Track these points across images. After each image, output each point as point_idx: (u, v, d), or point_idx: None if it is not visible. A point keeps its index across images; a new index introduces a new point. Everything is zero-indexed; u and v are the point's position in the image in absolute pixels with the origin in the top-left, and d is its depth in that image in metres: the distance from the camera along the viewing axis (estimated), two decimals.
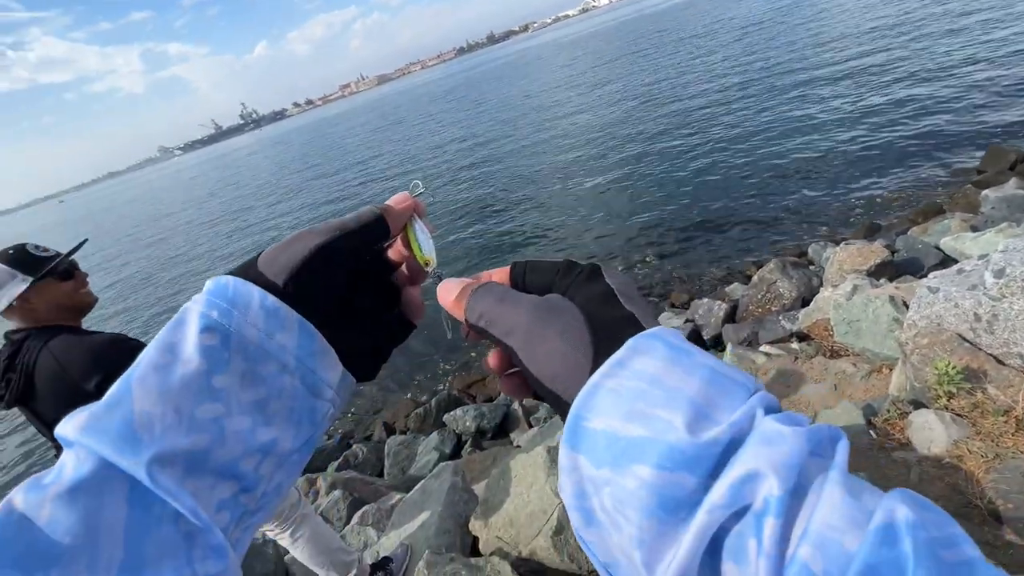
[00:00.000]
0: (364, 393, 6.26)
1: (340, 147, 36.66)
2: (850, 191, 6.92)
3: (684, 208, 8.05)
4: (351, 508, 3.04)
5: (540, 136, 16.31)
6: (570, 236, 8.43)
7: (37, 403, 1.37)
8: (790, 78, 12.84)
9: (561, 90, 25.18)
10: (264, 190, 27.71)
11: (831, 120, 9.31)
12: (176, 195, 46.07)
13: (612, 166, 11.01)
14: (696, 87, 15.43)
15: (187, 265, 15.73)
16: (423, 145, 23.36)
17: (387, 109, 61.38)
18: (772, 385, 2.87)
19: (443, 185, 14.43)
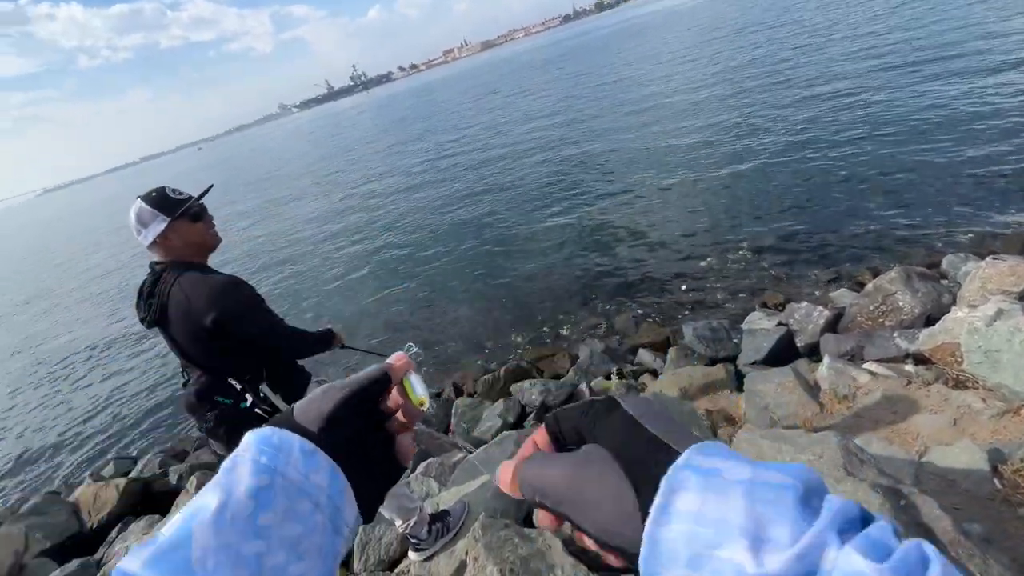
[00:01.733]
0: (438, 352, 6.58)
1: (437, 114, 37.64)
2: (1007, 198, 5.84)
3: (794, 197, 7.31)
4: (417, 459, 3.24)
5: (641, 115, 15.52)
6: (659, 221, 8.03)
7: (170, 327, 1.61)
8: (950, 63, 10.93)
9: (671, 64, 23.60)
10: (367, 151, 29.35)
11: (998, 113, 7.83)
12: (290, 150, 50.40)
13: (711, 149, 10.23)
14: (836, 67, 13.68)
15: (292, 217, 17.24)
16: (516, 117, 23.26)
17: (487, 78, 61.58)
18: (874, 409, 2.57)
19: (532, 162, 14.34)
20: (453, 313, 7.37)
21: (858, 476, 1.28)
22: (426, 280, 8.70)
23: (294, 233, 14.66)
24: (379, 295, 8.64)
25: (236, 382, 1.65)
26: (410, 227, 11.80)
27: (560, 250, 8.17)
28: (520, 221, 9.97)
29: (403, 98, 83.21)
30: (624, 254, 7.40)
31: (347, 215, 14.81)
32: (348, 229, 13.27)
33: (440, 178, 15.76)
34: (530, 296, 7.13)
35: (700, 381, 3.70)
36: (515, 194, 11.67)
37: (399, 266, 9.68)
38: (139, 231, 1.61)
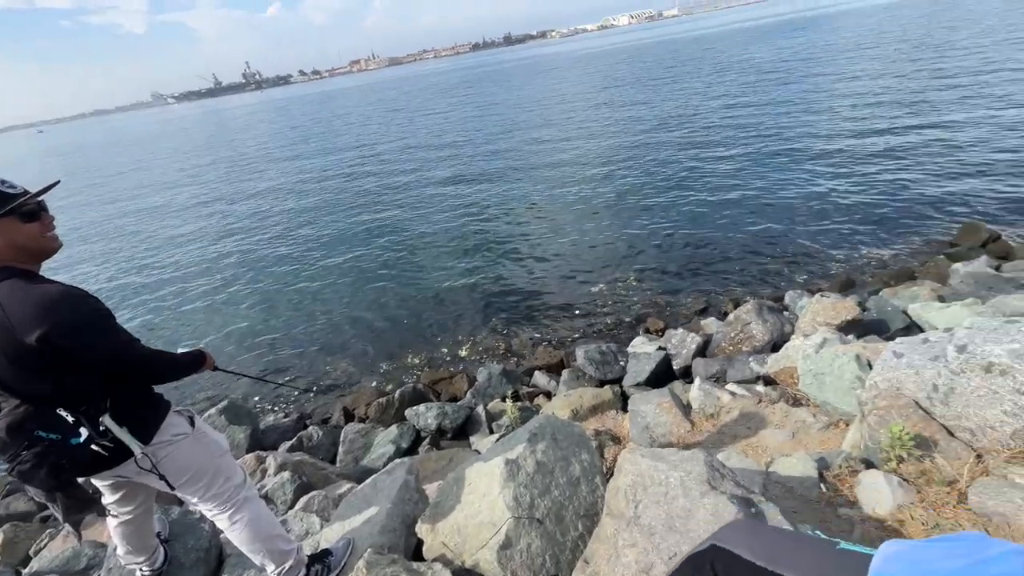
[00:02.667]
0: (328, 374, 6.16)
1: (338, 124, 36.09)
2: (833, 244, 7.12)
3: (672, 236, 8.17)
4: (298, 491, 2.97)
5: (540, 145, 16.37)
6: (554, 247, 8.46)
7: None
8: (797, 127, 13.18)
9: (569, 103, 25.33)
10: (256, 155, 27.08)
11: (828, 172, 9.58)
12: (162, 145, 44.67)
13: (607, 185, 11.11)
14: (705, 121, 15.71)
15: (156, 224, 15.25)
16: (419, 136, 23.17)
17: (393, 93, 60.73)
18: (733, 425, 2.92)
19: (435, 183, 14.35)
20: (346, 334, 6.98)
21: (719, 489, 1.44)
22: (316, 298, 8.15)
23: (156, 243, 12.90)
24: (262, 314, 7.91)
25: (68, 413, 1.36)
26: (299, 241, 11.03)
27: (460, 273, 8.20)
28: (419, 242, 9.84)
29: (302, 103, 78.58)
30: (522, 278, 7.65)
31: (223, 225, 13.42)
32: (224, 241, 12.01)
33: (336, 190, 15.03)
34: (428, 317, 7.02)
35: (590, 402, 3.90)
36: (415, 214, 11.52)
37: (285, 282, 8.97)
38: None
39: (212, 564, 2.26)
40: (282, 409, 5.62)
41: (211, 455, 1.68)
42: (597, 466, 2.10)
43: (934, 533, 1.65)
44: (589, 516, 1.89)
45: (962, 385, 2.02)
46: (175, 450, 1.55)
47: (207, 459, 1.66)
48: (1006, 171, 8.28)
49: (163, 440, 1.53)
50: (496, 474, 1.94)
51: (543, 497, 1.89)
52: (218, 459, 1.71)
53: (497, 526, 1.79)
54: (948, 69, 16.50)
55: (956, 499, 1.74)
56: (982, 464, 1.85)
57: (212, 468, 1.67)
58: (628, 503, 1.67)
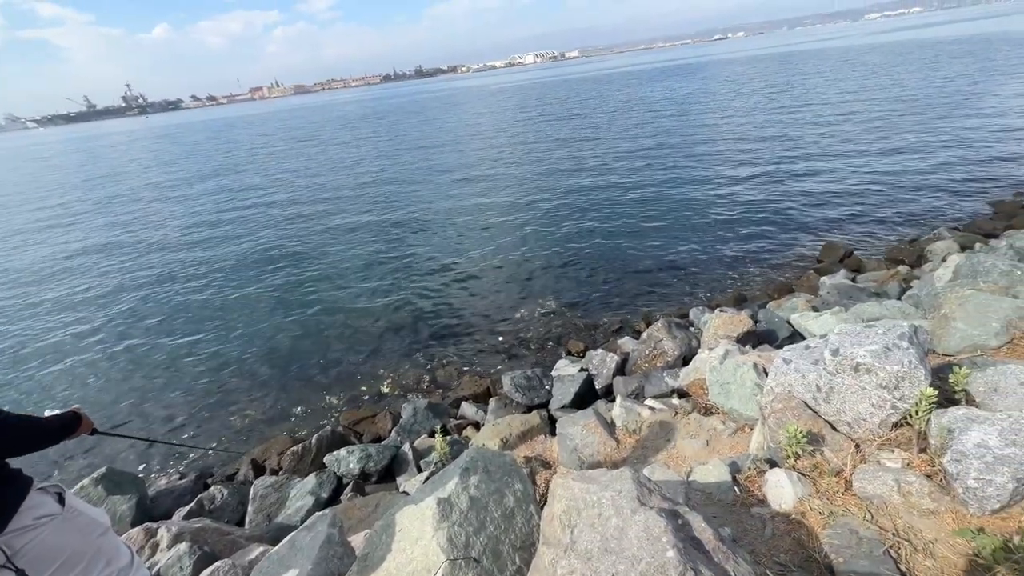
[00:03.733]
0: (231, 425, 5.56)
1: (238, 154, 33.87)
2: (726, 263, 7.92)
3: (585, 260, 8.59)
4: (199, 564, 2.61)
5: (454, 176, 16.58)
6: (472, 275, 8.51)
7: None
8: (688, 159, 14.63)
9: (482, 135, 26.04)
10: (138, 184, 24.45)
11: (716, 200, 10.71)
12: (16, 172, 38.78)
13: (521, 214, 11.49)
14: (609, 152, 16.90)
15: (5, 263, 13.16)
16: (330, 170, 22.45)
17: (300, 123, 58.45)
18: (654, 439, 3.07)
19: (345, 213, 13.93)
20: (251, 378, 6.39)
21: (648, 505, 1.50)
22: (212, 342, 7.41)
23: (6, 287, 11.07)
24: (148, 363, 7.01)
25: None
26: (190, 277, 10.04)
27: (375, 306, 7.93)
28: (329, 274, 9.41)
29: (195, 130, 72.76)
30: (442, 308, 7.57)
31: (93, 263, 11.87)
32: (97, 280, 10.61)
33: (233, 223, 13.97)
34: (343, 354, 6.66)
35: (519, 429, 3.91)
36: (325, 246, 11.03)
37: (174, 325, 8.06)
38: None
39: None
40: (176, 470, 4.95)
41: (86, 536, 1.43)
42: (530, 494, 2.09)
43: (829, 521, 1.84)
44: (526, 547, 1.87)
45: (838, 384, 2.31)
46: (39, 535, 1.30)
47: (82, 542, 1.41)
48: (854, 195, 9.85)
49: (23, 525, 1.28)
50: (428, 516, 1.85)
51: (478, 534, 1.83)
52: (97, 539, 1.46)
53: (432, 572, 1.71)
54: (808, 112, 19.40)
55: (844, 487, 1.96)
56: (860, 453, 2.11)
57: (90, 551, 1.42)
58: (564, 529, 1.67)
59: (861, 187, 10.35)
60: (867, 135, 14.50)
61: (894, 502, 1.81)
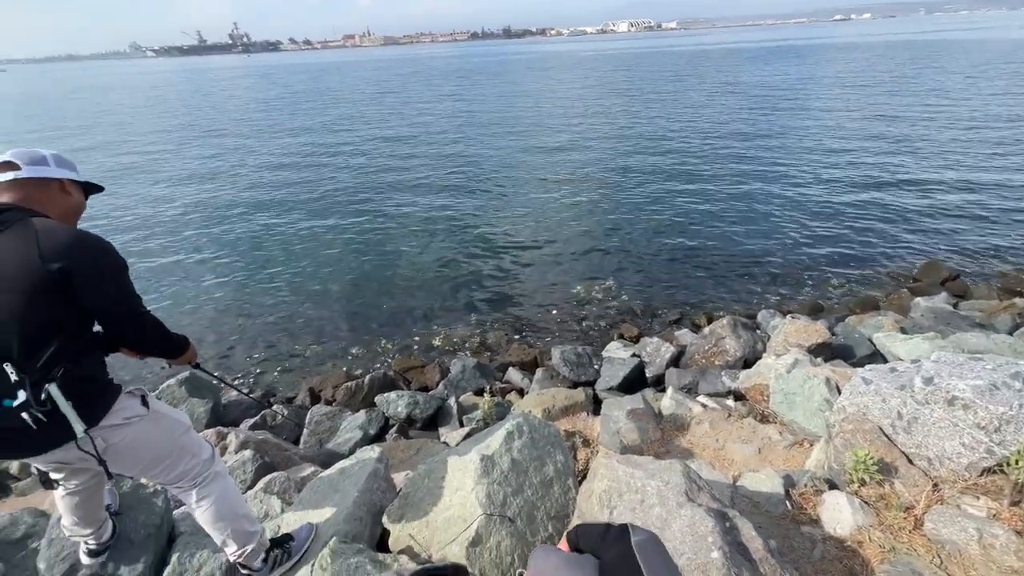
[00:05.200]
0: (296, 353, 6.00)
1: (328, 101, 35.15)
2: (805, 268, 7.35)
3: (653, 246, 8.27)
4: (259, 471, 2.88)
5: (531, 144, 16.34)
6: (536, 246, 8.46)
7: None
8: (784, 153, 13.53)
9: (564, 104, 25.35)
10: (240, 121, 26.14)
11: (806, 200, 9.88)
12: (137, 99, 42.64)
13: (595, 190, 11.18)
14: (698, 137, 15.96)
15: (122, 187, 14.58)
16: (412, 125, 22.81)
17: (387, 75, 59.51)
18: (703, 437, 2.97)
19: (422, 169, 14.17)
20: (318, 314, 6.81)
21: (696, 501, 1.45)
22: (288, 275, 7.93)
23: (119, 207, 12.32)
24: (229, 286, 7.64)
25: (13, 370, 1.22)
26: (278, 216, 10.71)
27: (439, 263, 8.11)
28: (400, 230, 9.68)
29: (292, 73, 76.20)
30: (501, 275, 7.61)
31: (196, 191, 12.91)
32: (198, 208, 11.57)
33: (319, 170, 14.65)
34: (403, 305, 6.91)
35: (562, 402, 3.91)
36: (399, 202, 11.33)
37: (257, 257, 8.68)
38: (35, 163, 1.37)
39: (163, 541, 2.16)
40: (246, 384, 5.45)
41: (170, 435, 1.59)
42: (570, 468, 2.09)
43: (889, 556, 1.71)
44: (560, 518, 1.89)
45: (925, 415, 2.10)
46: (129, 433, 1.45)
47: (166, 440, 1.57)
48: (971, 218, 8.72)
49: (114, 423, 1.42)
50: (470, 469, 1.91)
51: (516, 496, 1.87)
52: (180, 437, 1.62)
53: (468, 522, 1.77)
54: (934, 114, 17.23)
55: (912, 524, 1.81)
56: (938, 492, 1.92)
57: (175, 448, 1.59)
58: (602, 508, 1.67)
59: (983, 205, 9.14)
60: (1009, 146, 12.67)
61: (971, 552, 1.64)
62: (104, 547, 1.96)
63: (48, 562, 1.95)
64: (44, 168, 1.39)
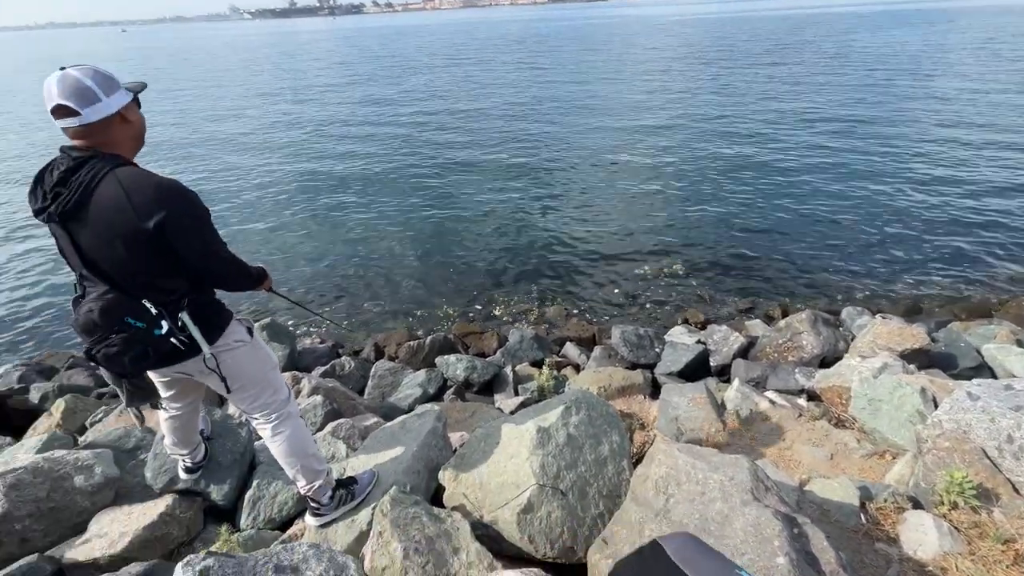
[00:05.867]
0: (364, 309, 6.32)
1: (405, 64, 35.59)
2: (902, 264, 6.62)
3: (728, 228, 7.77)
4: (328, 417, 3.09)
5: (604, 114, 15.71)
6: (603, 222, 8.22)
7: (81, 225, 1.31)
8: (885, 132, 12.11)
9: (643, 74, 24.03)
10: (322, 82, 27.22)
11: (910, 187, 8.81)
12: (238, 59, 45.48)
13: (668, 166, 10.62)
14: (788, 112, 14.63)
15: (219, 142, 15.69)
16: (487, 88, 22.62)
17: (463, 39, 59.10)
18: (768, 434, 2.81)
19: (495, 138, 14.08)
20: (385, 272, 7.10)
21: (763, 502, 1.38)
22: (362, 233, 8.29)
23: (217, 157, 13.31)
24: (308, 240, 8.12)
25: (152, 305, 1.41)
26: (354, 177, 11.14)
27: (505, 231, 8.12)
28: (470, 194, 9.76)
29: (369, 36, 77.73)
30: (566, 247, 7.51)
31: (282, 149, 13.68)
32: (283, 166, 12.27)
33: (395, 132, 14.99)
34: (467, 270, 7.03)
35: (619, 383, 3.85)
36: (471, 165, 11.39)
37: (334, 213, 9.13)
38: (86, 100, 1.29)
39: (245, 467, 2.40)
40: (319, 335, 5.83)
41: (263, 366, 1.74)
42: (626, 449, 2.06)
43: None
44: (611, 497, 1.88)
45: None
46: (234, 356, 1.61)
47: (260, 369, 1.72)
48: None
49: (226, 344, 1.58)
50: (526, 438, 1.93)
51: (569, 470, 1.87)
52: (269, 371, 1.76)
53: (521, 489, 1.80)
54: None
55: (1012, 559, 1.62)
56: None
57: (263, 379, 1.73)
58: (657, 494, 1.63)
59: None
60: None
61: None
62: (198, 466, 2.20)
63: (153, 472, 2.22)
64: (99, 106, 1.32)
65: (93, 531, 2.08)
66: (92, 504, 2.17)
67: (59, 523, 2.10)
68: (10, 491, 2.01)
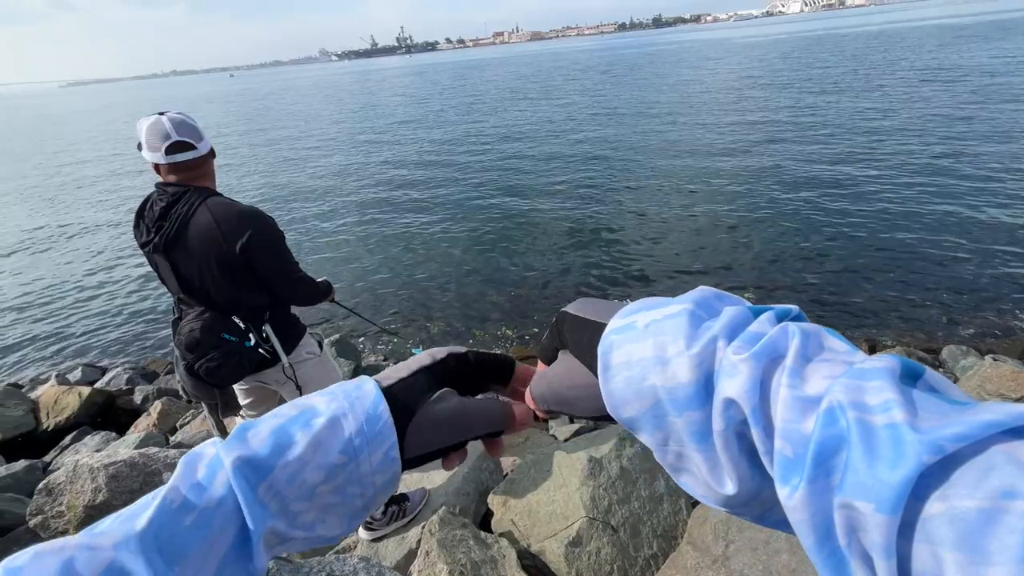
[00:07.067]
0: (425, 328, 6.52)
1: (478, 93, 37.26)
2: (1019, 299, 5.82)
3: (808, 252, 7.25)
4: None
5: (681, 140, 15.43)
6: (676, 253, 7.98)
7: (180, 252, 1.51)
8: (999, 152, 10.90)
9: (716, 96, 23.46)
10: (402, 114, 29.08)
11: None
12: (325, 96, 49.91)
13: (739, 189, 10.18)
14: (883, 129, 13.62)
15: (302, 165, 17.10)
16: (556, 115, 23.08)
17: (529, 70, 60.98)
18: None
19: (565, 165, 14.26)
20: (446, 290, 7.31)
21: None
22: (425, 253, 8.63)
23: (296, 184, 14.52)
24: (374, 260, 8.57)
25: (240, 320, 1.58)
26: (419, 199, 11.70)
27: (566, 254, 8.11)
28: (538, 219, 9.89)
29: (441, 71, 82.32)
30: (630, 271, 7.36)
31: (362, 172, 14.69)
32: (359, 186, 13.15)
33: (463, 156, 15.63)
34: (530, 294, 7.07)
35: None
36: (541, 192, 11.56)
37: (399, 234, 9.59)
38: (200, 137, 1.53)
39: None
40: (381, 352, 6.09)
41: (328, 380, 1.85)
42: None
43: None
44: (667, 538, 1.77)
45: None
46: (306, 367, 1.74)
47: (324, 382, 1.83)
48: None
49: (299, 356, 1.72)
50: (578, 468, 1.89)
51: (621, 505, 1.80)
52: (336, 382, 1.87)
53: (570, 521, 1.75)
54: None
55: None
56: None
57: None
58: (716, 539, 1.52)
59: None
60: None
61: None
62: None
63: None
64: (205, 142, 1.56)
65: None
66: None
67: None
68: (111, 481, 2.25)
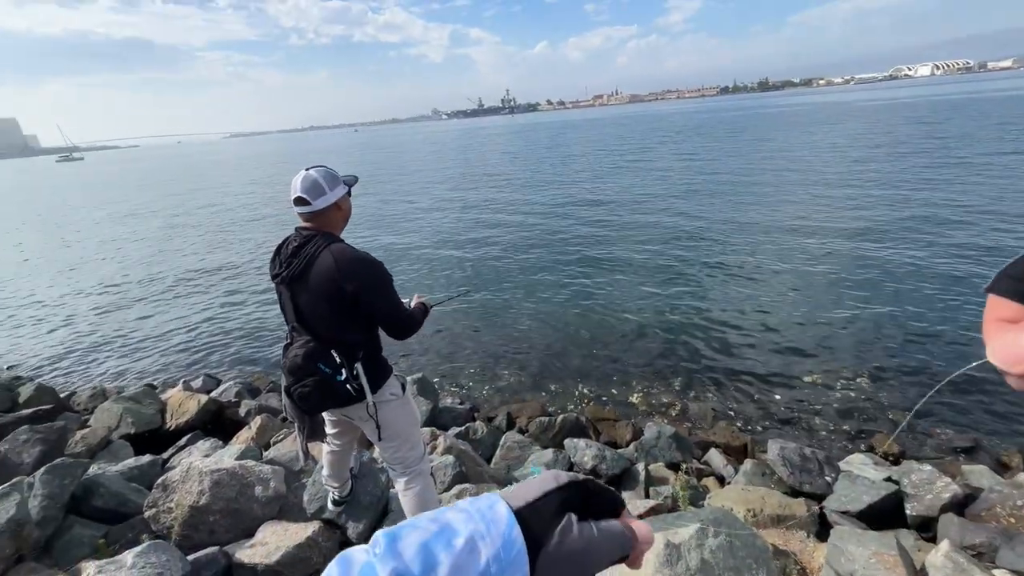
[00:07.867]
0: (501, 376, 6.56)
1: (573, 152, 38.62)
2: None
3: (941, 336, 6.32)
4: (456, 479, 3.20)
5: (777, 204, 14.66)
6: (767, 318, 7.39)
7: (301, 287, 1.72)
8: None
9: (829, 163, 22.11)
10: (500, 169, 30.88)
11: None
12: (435, 151, 54.78)
13: (851, 253, 9.27)
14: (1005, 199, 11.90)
15: (406, 209, 18.52)
16: (648, 174, 23.12)
17: (620, 131, 62.13)
18: None
19: (652, 221, 14.12)
20: (528, 342, 7.35)
21: None
22: (508, 304, 8.80)
23: (404, 221, 15.73)
24: (459, 308, 8.89)
25: (337, 354, 1.73)
26: (506, 254, 12.10)
27: (649, 315, 7.84)
28: (620, 274, 9.78)
29: (539, 130, 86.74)
30: (719, 340, 6.90)
31: (454, 227, 15.62)
32: (453, 239, 13.95)
33: (550, 214, 16.05)
34: (609, 352, 6.88)
35: (774, 510, 3.27)
36: (624, 248, 11.50)
37: (484, 286, 9.91)
38: (318, 194, 1.75)
39: (379, 511, 2.59)
40: (458, 395, 6.19)
41: (407, 422, 1.93)
42: None
43: None
44: None
45: None
46: (388, 407, 1.84)
47: (405, 424, 1.91)
48: None
49: (383, 396, 1.83)
50: (652, 552, 1.74)
51: None
52: (411, 427, 1.95)
53: None
54: None
55: None
56: None
57: (406, 433, 1.91)
58: None
59: None
60: None
61: None
62: (344, 500, 2.46)
63: (309, 497, 2.53)
64: (325, 197, 1.75)
65: (258, 538, 2.43)
66: (262, 513, 2.55)
67: (237, 524, 2.50)
68: (214, 487, 2.48)
